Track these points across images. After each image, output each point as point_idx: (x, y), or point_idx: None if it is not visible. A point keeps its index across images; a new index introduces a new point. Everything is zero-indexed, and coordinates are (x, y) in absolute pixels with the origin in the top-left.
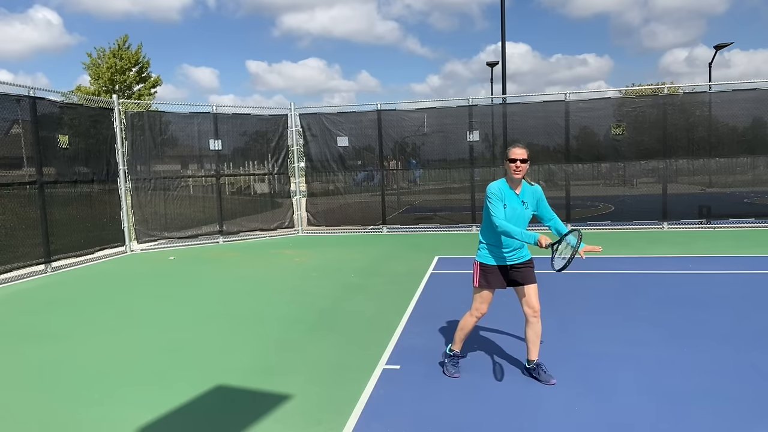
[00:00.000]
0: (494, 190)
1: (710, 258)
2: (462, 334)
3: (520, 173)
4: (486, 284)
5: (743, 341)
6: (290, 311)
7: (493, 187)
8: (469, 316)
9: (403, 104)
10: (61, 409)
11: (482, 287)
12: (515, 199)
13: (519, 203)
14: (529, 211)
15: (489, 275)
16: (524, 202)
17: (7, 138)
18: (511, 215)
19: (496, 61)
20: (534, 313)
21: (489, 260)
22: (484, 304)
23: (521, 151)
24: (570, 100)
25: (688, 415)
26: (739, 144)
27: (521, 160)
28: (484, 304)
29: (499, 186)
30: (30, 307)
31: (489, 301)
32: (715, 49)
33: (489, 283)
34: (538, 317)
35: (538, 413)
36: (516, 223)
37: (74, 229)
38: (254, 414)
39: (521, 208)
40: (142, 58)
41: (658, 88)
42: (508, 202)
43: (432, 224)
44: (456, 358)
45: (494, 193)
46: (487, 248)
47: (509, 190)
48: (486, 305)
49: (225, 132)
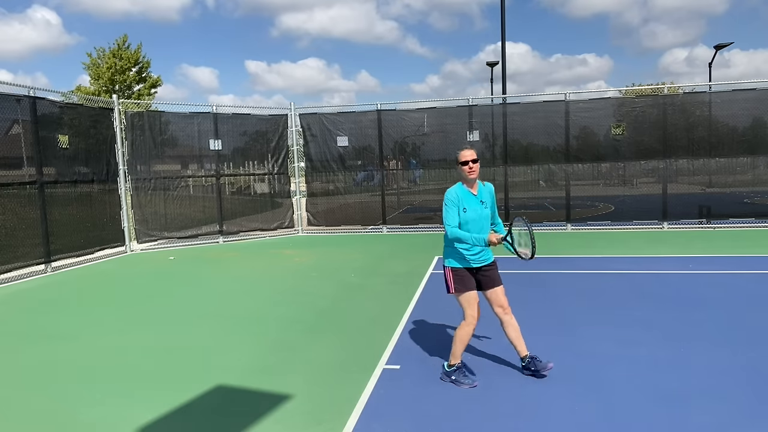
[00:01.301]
0: (451, 196)
1: (710, 258)
2: (462, 347)
3: (474, 173)
4: (464, 287)
5: (743, 341)
6: (290, 311)
7: (451, 194)
8: (465, 325)
9: (403, 104)
10: (62, 409)
11: (461, 291)
12: (474, 200)
13: (478, 203)
14: (488, 210)
15: (463, 278)
16: (483, 201)
17: (7, 138)
18: (473, 217)
19: (496, 61)
20: (505, 311)
21: (459, 264)
22: (473, 308)
23: (471, 153)
24: (570, 100)
25: (688, 415)
26: (739, 144)
27: (473, 160)
28: (473, 307)
29: (456, 192)
30: (30, 307)
31: (477, 302)
32: (715, 49)
33: (466, 285)
34: (510, 313)
35: (538, 413)
36: (479, 222)
37: (74, 229)
38: (254, 414)
39: (481, 207)
40: (142, 58)
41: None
42: (468, 204)
43: (432, 224)
44: (461, 369)
45: (451, 200)
46: (455, 252)
47: (467, 193)
48: (476, 308)
49: (225, 132)
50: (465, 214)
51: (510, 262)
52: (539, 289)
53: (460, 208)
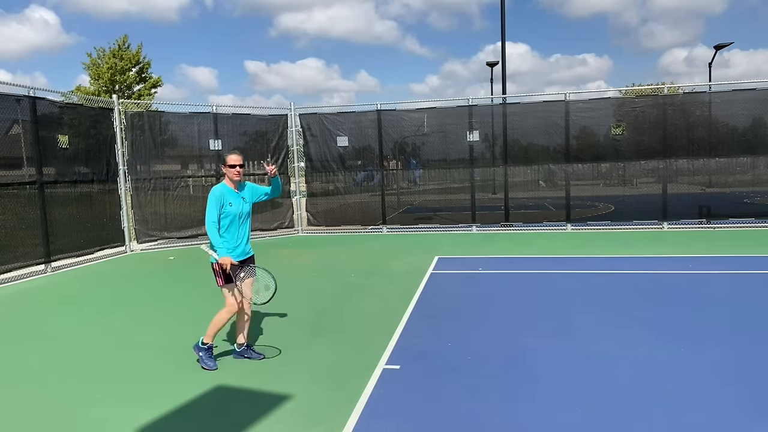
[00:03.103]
0: (215, 195)
1: (710, 258)
2: (217, 330)
3: (239, 176)
4: (229, 280)
5: (743, 341)
6: (290, 311)
7: (214, 192)
8: (227, 312)
9: (403, 104)
10: (62, 409)
11: (227, 282)
12: (237, 197)
13: (240, 200)
14: (248, 205)
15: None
16: (244, 198)
17: (7, 138)
18: (237, 211)
19: (495, 61)
20: (249, 302)
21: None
22: (234, 299)
23: (239, 157)
24: (570, 100)
25: (687, 415)
26: (739, 144)
27: (240, 165)
28: (234, 298)
29: (221, 190)
30: (30, 307)
31: (238, 293)
32: (715, 49)
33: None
34: (250, 305)
35: (538, 413)
36: (241, 216)
37: (74, 229)
38: (254, 414)
39: (243, 203)
40: (142, 59)
41: (658, 88)
42: (233, 200)
43: (432, 224)
44: (211, 350)
45: (216, 197)
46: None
47: (231, 191)
48: (237, 300)
49: (225, 132)
50: (230, 208)
51: (510, 262)
52: (539, 289)
53: (225, 203)
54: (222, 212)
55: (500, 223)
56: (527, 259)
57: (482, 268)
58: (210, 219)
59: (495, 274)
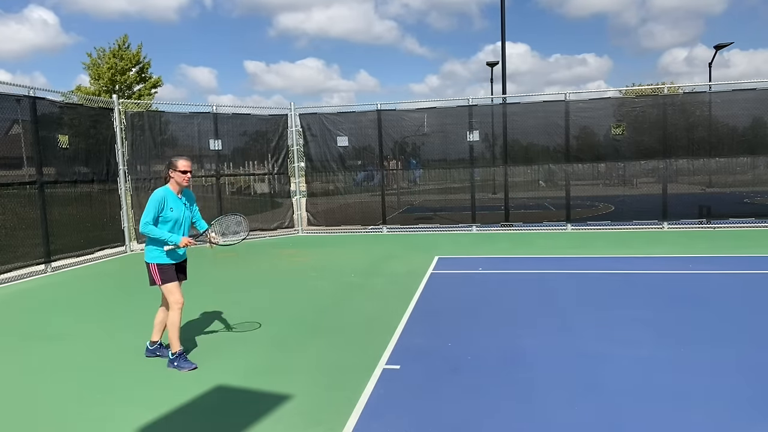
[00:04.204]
0: (158, 197)
1: (710, 258)
2: (178, 331)
3: (188, 182)
4: (168, 279)
5: (743, 341)
6: (290, 311)
7: (158, 195)
8: (176, 311)
9: (403, 104)
10: (62, 409)
11: (167, 281)
12: (179, 201)
13: (182, 205)
14: (189, 210)
15: (168, 271)
16: (186, 203)
17: (7, 138)
18: (178, 216)
19: (495, 60)
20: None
21: (165, 260)
22: (177, 294)
23: (189, 163)
24: (570, 100)
25: (687, 416)
26: (739, 144)
27: (190, 171)
28: (177, 293)
29: (163, 194)
30: (30, 307)
31: (179, 288)
32: (715, 49)
33: (170, 277)
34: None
35: (538, 412)
36: (183, 221)
37: (74, 229)
38: (254, 414)
39: (184, 208)
40: (142, 59)
41: (658, 88)
42: (174, 205)
43: (432, 224)
44: (183, 354)
45: (157, 200)
46: (161, 249)
47: (173, 195)
48: (180, 293)
49: (225, 132)
50: (171, 213)
51: (510, 262)
52: (539, 289)
53: (166, 207)
54: (161, 216)
55: (500, 223)
56: (527, 259)
57: (482, 268)
58: (145, 220)
59: (495, 274)
